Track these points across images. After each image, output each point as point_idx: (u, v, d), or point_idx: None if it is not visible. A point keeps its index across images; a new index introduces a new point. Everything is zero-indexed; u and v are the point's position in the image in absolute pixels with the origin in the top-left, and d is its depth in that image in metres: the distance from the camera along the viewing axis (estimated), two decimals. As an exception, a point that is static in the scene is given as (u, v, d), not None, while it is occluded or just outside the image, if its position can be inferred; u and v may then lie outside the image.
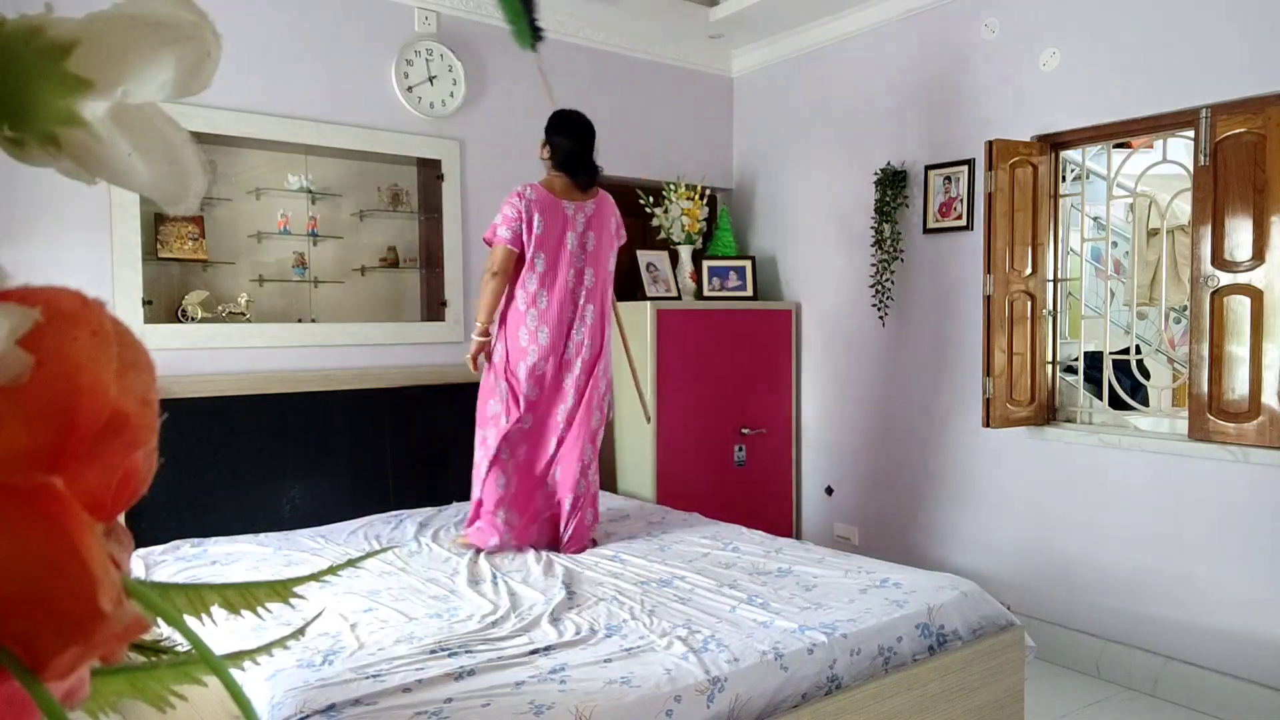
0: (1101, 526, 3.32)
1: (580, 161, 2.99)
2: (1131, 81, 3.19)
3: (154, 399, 0.27)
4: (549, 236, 2.95)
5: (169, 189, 0.31)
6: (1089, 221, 3.91)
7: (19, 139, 0.29)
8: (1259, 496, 2.90)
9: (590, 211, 3.02)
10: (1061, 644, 3.42)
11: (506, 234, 2.93)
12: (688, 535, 3.16)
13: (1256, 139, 2.81)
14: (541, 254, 2.95)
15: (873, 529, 4.19)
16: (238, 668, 0.31)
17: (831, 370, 4.37)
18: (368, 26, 3.65)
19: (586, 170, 3.01)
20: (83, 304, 0.25)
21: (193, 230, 3.37)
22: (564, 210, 2.98)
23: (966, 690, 2.31)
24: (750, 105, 4.76)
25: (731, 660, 2.02)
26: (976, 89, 3.68)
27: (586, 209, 3.02)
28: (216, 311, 3.44)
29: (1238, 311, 2.87)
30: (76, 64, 0.28)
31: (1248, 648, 2.94)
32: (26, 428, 0.24)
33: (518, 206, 2.93)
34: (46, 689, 0.23)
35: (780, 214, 4.61)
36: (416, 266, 3.97)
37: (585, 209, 3.02)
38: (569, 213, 2.98)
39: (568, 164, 2.99)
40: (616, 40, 4.34)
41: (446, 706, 1.79)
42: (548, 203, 2.96)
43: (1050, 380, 3.57)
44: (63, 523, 0.23)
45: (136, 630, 0.24)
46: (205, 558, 2.91)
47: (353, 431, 3.55)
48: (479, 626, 2.27)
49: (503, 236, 2.93)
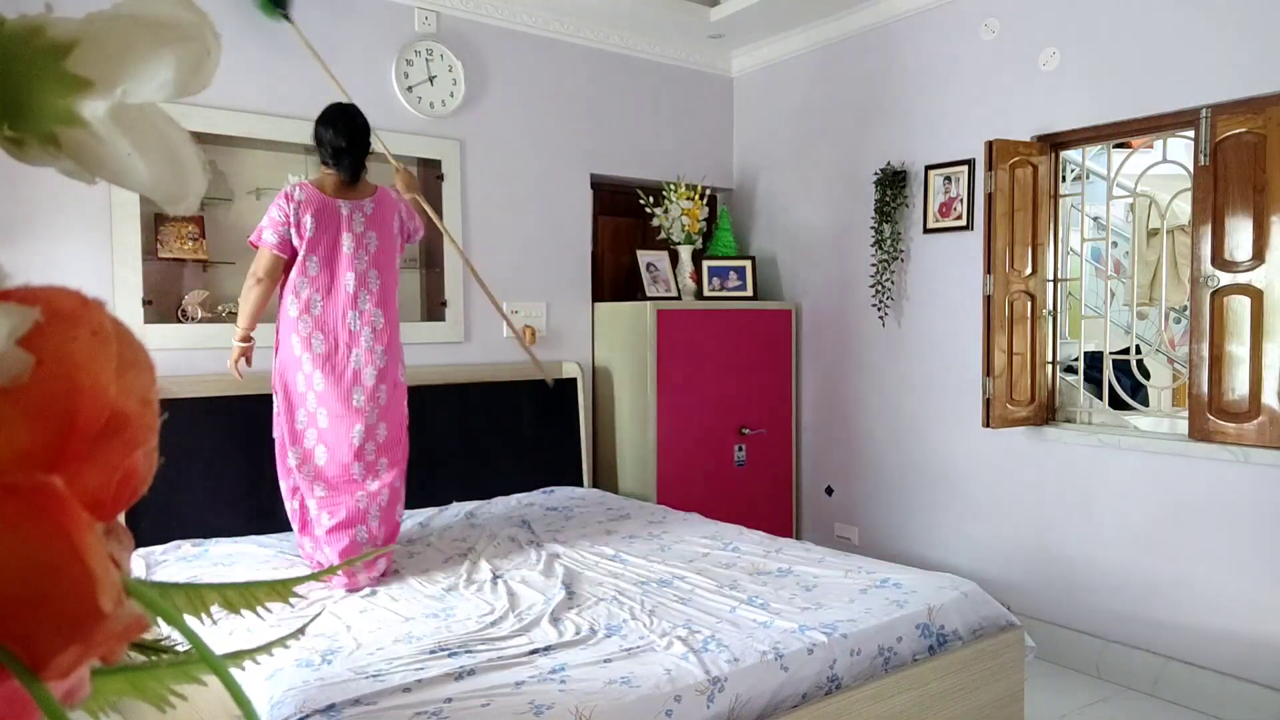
0: (1102, 527, 3.32)
1: (345, 155, 2.75)
2: (1131, 81, 3.19)
3: (154, 399, 0.27)
4: (322, 237, 2.73)
5: (169, 189, 0.31)
6: (1089, 221, 3.91)
7: (19, 139, 0.29)
8: (1259, 496, 2.90)
9: (369, 211, 2.79)
10: (1061, 644, 3.42)
11: (272, 238, 2.71)
12: (688, 535, 3.16)
13: (1256, 139, 2.81)
14: (314, 257, 2.73)
15: (873, 529, 4.19)
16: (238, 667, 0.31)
17: (832, 370, 4.37)
18: (368, 26, 3.65)
19: (352, 164, 2.76)
20: (83, 304, 0.25)
21: (193, 230, 3.37)
22: (338, 210, 2.75)
23: (966, 690, 2.31)
24: (750, 105, 4.76)
25: (731, 660, 2.02)
26: (976, 89, 3.68)
27: (365, 208, 2.79)
28: (216, 311, 3.44)
29: (1238, 311, 2.87)
30: (76, 64, 0.28)
31: (1248, 648, 2.94)
32: (26, 428, 0.24)
33: (285, 209, 2.71)
34: (46, 688, 0.23)
35: (780, 214, 4.61)
36: (416, 266, 3.97)
37: (363, 208, 2.79)
38: (344, 213, 2.75)
39: (335, 158, 2.75)
40: (616, 40, 4.34)
41: (446, 706, 1.79)
42: (320, 203, 2.73)
43: (1050, 380, 3.57)
44: (63, 523, 0.23)
45: (136, 630, 0.24)
46: (206, 558, 2.91)
47: (353, 431, 3.55)
48: (478, 627, 2.27)
49: (268, 241, 2.71)
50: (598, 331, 4.30)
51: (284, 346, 2.77)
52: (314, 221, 2.71)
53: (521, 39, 4.07)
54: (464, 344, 3.91)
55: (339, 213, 2.75)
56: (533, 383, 3.96)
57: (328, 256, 2.74)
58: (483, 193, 3.96)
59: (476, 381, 3.86)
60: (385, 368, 2.80)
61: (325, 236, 2.73)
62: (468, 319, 3.92)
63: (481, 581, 2.68)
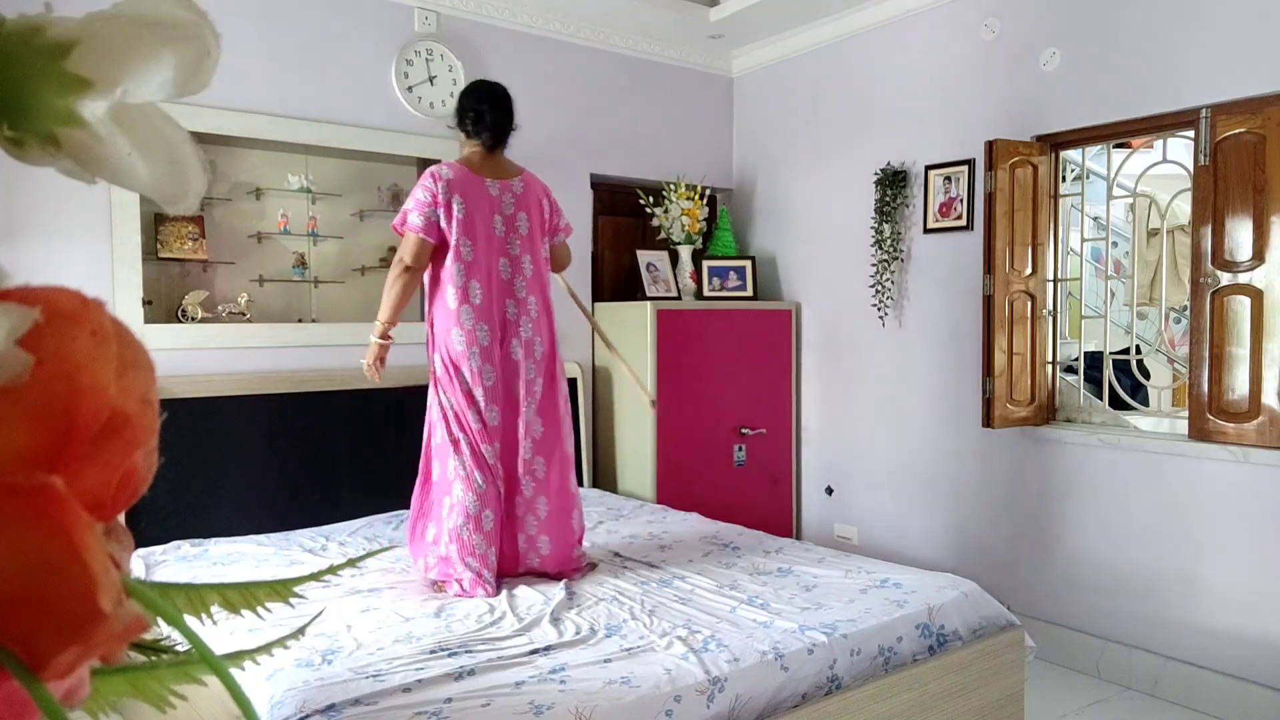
0: (1101, 526, 3.32)
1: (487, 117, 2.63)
2: (1131, 81, 3.19)
3: (154, 399, 0.27)
4: (475, 218, 2.56)
5: (169, 189, 0.31)
6: (1089, 221, 3.91)
7: (19, 138, 0.29)
8: (1259, 496, 2.90)
9: (518, 190, 2.65)
10: (1061, 644, 3.42)
11: (419, 221, 2.53)
12: (688, 535, 3.16)
13: (1256, 139, 2.81)
14: (469, 241, 2.55)
15: (873, 529, 4.19)
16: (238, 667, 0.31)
17: (831, 370, 4.37)
18: (368, 26, 3.65)
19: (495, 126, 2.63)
20: (83, 304, 0.25)
21: (193, 230, 3.37)
22: (488, 190, 2.59)
23: (966, 690, 2.31)
24: (750, 105, 4.76)
25: (731, 660, 2.02)
26: (976, 89, 3.68)
27: (514, 187, 2.64)
28: (216, 311, 3.44)
29: (1238, 311, 2.87)
30: (76, 63, 0.28)
31: (1248, 648, 2.93)
32: (26, 428, 0.24)
33: (432, 189, 2.53)
34: (46, 688, 0.23)
35: (780, 214, 4.61)
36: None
37: (512, 187, 2.64)
38: (494, 193, 2.60)
39: (477, 122, 2.62)
40: (616, 40, 4.34)
41: (446, 706, 1.79)
42: (468, 181, 2.57)
43: (1050, 380, 3.57)
44: (63, 523, 0.23)
45: (136, 630, 0.24)
46: (206, 558, 2.91)
47: (353, 431, 3.55)
48: (478, 626, 2.27)
49: (414, 224, 2.53)
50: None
51: (446, 342, 2.58)
52: (464, 202, 2.54)
53: (521, 39, 4.07)
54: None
55: (488, 192, 2.58)
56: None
57: (484, 240, 2.56)
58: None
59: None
60: (541, 359, 2.66)
61: (477, 218, 2.55)
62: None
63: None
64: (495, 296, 2.59)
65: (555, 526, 2.66)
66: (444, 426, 2.61)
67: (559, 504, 2.68)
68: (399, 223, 2.60)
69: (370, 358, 2.70)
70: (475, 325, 2.56)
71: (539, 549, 2.65)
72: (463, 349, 2.56)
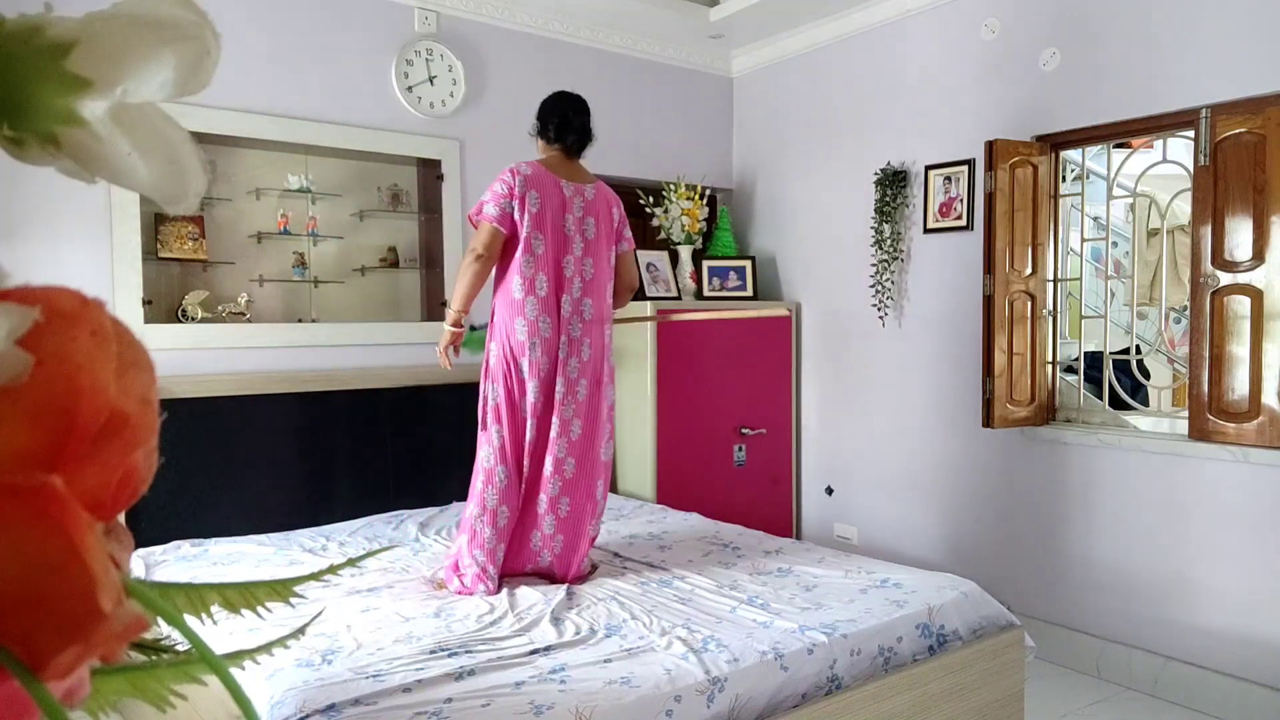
0: (1101, 526, 3.32)
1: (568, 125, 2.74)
2: (1131, 81, 3.19)
3: (154, 399, 0.27)
4: (547, 215, 2.66)
5: (169, 189, 0.31)
6: (1089, 221, 3.91)
7: (19, 138, 0.29)
8: (1259, 496, 2.90)
9: (590, 196, 2.74)
10: (1061, 644, 3.42)
11: (494, 211, 2.63)
12: (688, 535, 3.16)
13: (1256, 139, 2.81)
14: (540, 235, 2.65)
15: (873, 529, 4.19)
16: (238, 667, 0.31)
17: (831, 370, 4.37)
18: (368, 26, 3.65)
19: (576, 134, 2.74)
20: (82, 304, 0.25)
21: (193, 230, 3.37)
22: (562, 190, 2.70)
23: (966, 690, 2.31)
24: (750, 105, 4.76)
25: (731, 660, 2.02)
26: (976, 89, 3.68)
27: (586, 193, 2.73)
28: (216, 311, 3.44)
29: (1238, 311, 2.87)
30: (76, 63, 0.28)
31: (1248, 648, 2.94)
32: (26, 427, 0.24)
33: (509, 183, 2.64)
34: (46, 688, 0.23)
35: (780, 214, 4.61)
36: (416, 266, 3.97)
37: (584, 193, 2.73)
38: (567, 194, 2.70)
39: (560, 129, 2.74)
40: (616, 40, 4.34)
41: (446, 706, 1.79)
42: (544, 179, 2.68)
43: (1050, 380, 3.57)
44: (63, 522, 0.23)
45: (136, 630, 0.24)
46: (206, 558, 2.91)
47: (353, 431, 3.55)
48: (478, 626, 2.27)
49: (489, 214, 2.63)
50: (598, 331, 4.30)
51: (507, 330, 2.66)
52: (538, 198, 2.64)
53: (521, 39, 4.07)
54: (464, 344, 3.91)
55: (562, 192, 2.68)
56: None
57: (554, 236, 2.66)
58: (483, 192, 3.95)
59: (476, 381, 3.85)
60: (588, 362, 2.69)
61: (548, 214, 2.65)
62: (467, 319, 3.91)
63: (481, 581, 2.68)
64: (558, 292, 2.68)
65: (571, 529, 2.69)
66: (484, 416, 2.70)
67: (579, 507, 2.70)
68: (474, 213, 2.69)
69: (442, 344, 2.78)
70: (539, 317, 2.64)
71: (553, 548, 2.67)
72: (524, 339, 2.64)
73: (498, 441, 2.66)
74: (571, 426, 2.68)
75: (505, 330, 2.68)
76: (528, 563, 2.71)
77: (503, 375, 2.67)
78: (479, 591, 2.54)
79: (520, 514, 2.68)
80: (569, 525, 2.68)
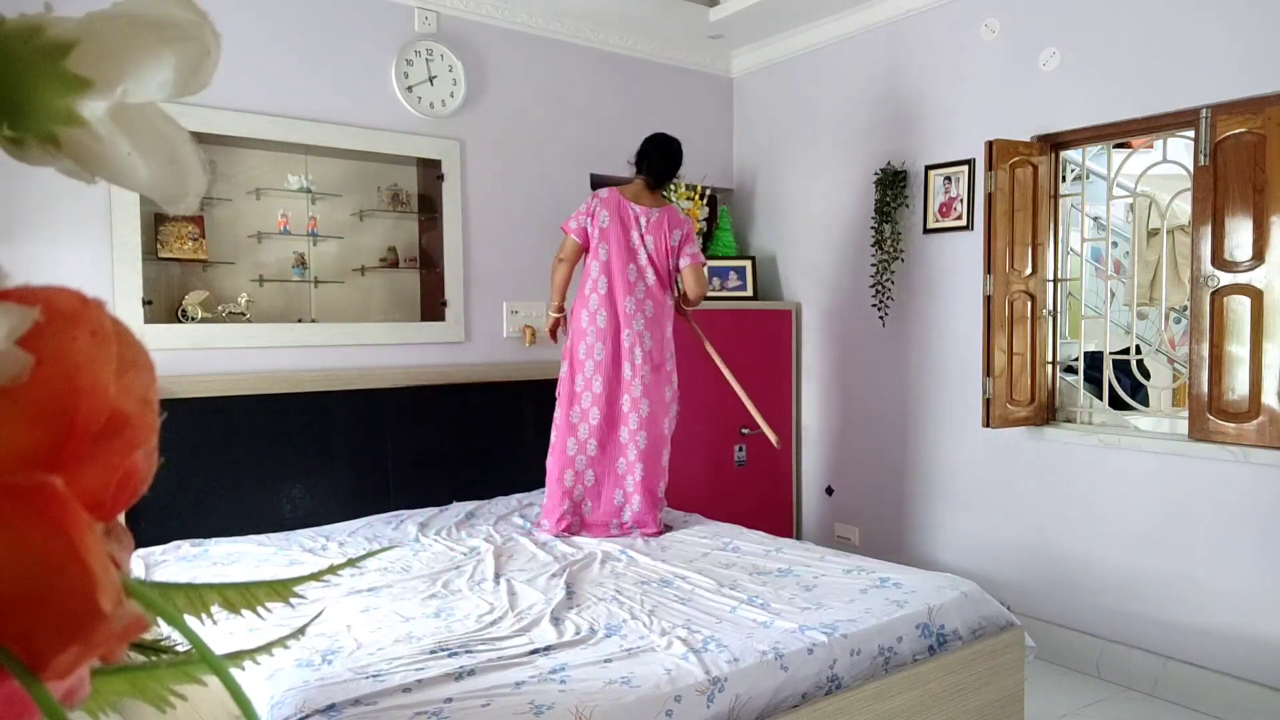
0: (1101, 526, 3.32)
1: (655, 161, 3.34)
2: (1131, 81, 3.19)
3: (154, 399, 0.27)
4: (614, 230, 3.28)
5: (169, 189, 0.31)
6: (1089, 221, 3.91)
7: (19, 138, 0.29)
8: (1259, 496, 2.90)
9: (654, 218, 3.31)
10: (1061, 644, 3.42)
11: (574, 225, 3.33)
12: (688, 535, 3.16)
13: (1256, 139, 2.81)
14: (605, 245, 3.28)
15: (873, 529, 4.19)
16: (238, 667, 0.31)
17: (831, 370, 4.37)
18: (368, 26, 3.65)
19: (658, 174, 3.34)
20: (82, 304, 0.25)
21: (193, 230, 3.37)
22: (630, 210, 3.30)
23: (966, 690, 2.31)
24: (750, 105, 4.76)
25: (731, 660, 2.02)
26: (976, 89, 3.68)
27: (651, 214, 3.31)
28: (216, 311, 3.44)
29: (1238, 311, 2.87)
30: (76, 63, 0.28)
31: (1248, 648, 2.94)
32: (26, 428, 0.24)
33: (589, 204, 3.34)
34: (46, 688, 0.23)
35: (780, 214, 4.61)
36: (416, 266, 3.97)
37: (650, 214, 3.31)
38: (634, 213, 3.30)
39: (648, 166, 3.34)
40: (616, 40, 4.34)
41: (446, 706, 1.79)
42: (615, 201, 3.32)
43: (1050, 380, 3.57)
44: (63, 523, 0.23)
45: (136, 630, 0.24)
46: (206, 558, 2.91)
47: (353, 431, 3.55)
48: (478, 626, 2.27)
49: (570, 227, 3.34)
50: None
51: (575, 321, 3.33)
52: (608, 216, 3.29)
53: (521, 39, 4.07)
54: (464, 344, 3.91)
55: (630, 212, 3.30)
56: (533, 383, 3.97)
57: (617, 247, 3.27)
58: (483, 193, 3.96)
59: (476, 381, 3.86)
60: (649, 352, 3.28)
61: (613, 230, 3.28)
62: (468, 319, 3.92)
63: (482, 581, 2.68)
64: (619, 292, 3.27)
65: (646, 489, 3.27)
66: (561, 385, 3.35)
67: (650, 470, 3.29)
68: (564, 225, 3.39)
69: (546, 326, 3.51)
70: (597, 309, 3.28)
71: (632, 505, 3.27)
72: (585, 326, 3.29)
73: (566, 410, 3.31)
74: (641, 405, 3.28)
75: (575, 320, 3.34)
76: (616, 516, 3.27)
77: (569, 356, 3.33)
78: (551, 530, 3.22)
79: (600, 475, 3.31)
80: (644, 487, 3.26)
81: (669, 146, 3.37)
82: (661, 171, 3.36)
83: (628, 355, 3.25)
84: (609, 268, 3.27)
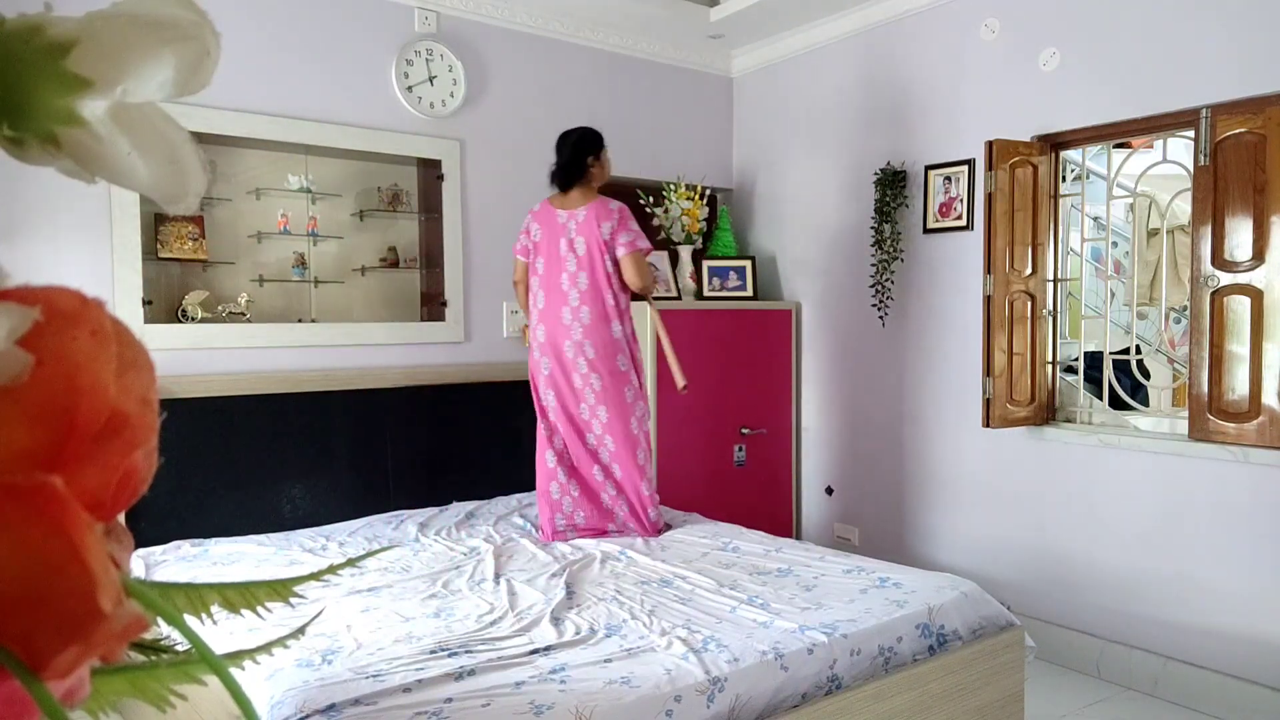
0: (1101, 527, 3.32)
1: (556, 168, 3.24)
2: (1131, 81, 3.19)
3: (154, 399, 0.27)
4: (545, 242, 3.24)
5: (169, 189, 0.31)
6: (1089, 221, 3.91)
7: (19, 138, 0.29)
8: (1259, 496, 2.90)
9: (581, 219, 3.19)
10: (1061, 644, 3.42)
11: (518, 245, 3.34)
12: (687, 535, 3.16)
13: (1256, 139, 2.81)
14: (540, 258, 3.24)
15: (873, 529, 4.19)
16: (238, 667, 0.31)
17: (831, 370, 4.37)
18: (368, 26, 3.65)
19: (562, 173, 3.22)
20: (82, 303, 0.25)
21: (193, 230, 3.37)
22: (557, 218, 3.22)
23: (966, 690, 2.31)
24: (750, 105, 4.76)
25: (731, 660, 2.02)
26: (976, 89, 3.68)
27: (578, 215, 3.20)
28: (216, 311, 3.44)
29: (1238, 311, 2.87)
30: (76, 63, 0.28)
31: (1248, 648, 2.94)
32: (26, 427, 0.24)
33: (526, 221, 3.32)
34: (46, 688, 0.23)
35: (780, 214, 4.61)
36: (416, 266, 3.97)
37: (576, 216, 3.20)
38: (561, 220, 3.21)
39: (554, 173, 3.25)
40: (616, 40, 4.34)
41: (446, 706, 1.79)
42: (545, 213, 3.26)
43: (1050, 380, 3.57)
44: (63, 522, 0.23)
45: (136, 630, 0.24)
46: (206, 558, 2.91)
47: (353, 431, 3.55)
48: (478, 626, 2.27)
49: (516, 248, 3.35)
50: (598, 331, 4.29)
51: (531, 335, 3.31)
52: (539, 229, 3.26)
53: (521, 39, 4.07)
54: (464, 344, 3.91)
55: (557, 220, 3.23)
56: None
57: (548, 258, 3.23)
58: (483, 193, 3.96)
59: (476, 381, 3.86)
60: (595, 359, 3.17)
61: (544, 242, 3.24)
62: (468, 319, 3.92)
63: (482, 581, 2.68)
64: (555, 304, 3.20)
65: (630, 490, 3.22)
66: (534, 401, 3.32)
67: (628, 472, 3.23)
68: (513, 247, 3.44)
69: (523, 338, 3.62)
70: (538, 325, 3.25)
71: (621, 508, 3.23)
72: (533, 342, 3.28)
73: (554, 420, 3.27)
74: (599, 412, 3.20)
75: (532, 335, 3.30)
76: (609, 521, 3.23)
77: (531, 373, 3.31)
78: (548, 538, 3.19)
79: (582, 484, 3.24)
80: (626, 489, 3.22)
81: (562, 141, 3.24)
82: (563, 169, 3.22)
83: (572, 366, 3.19)
84: (545, 282, 3.22)
